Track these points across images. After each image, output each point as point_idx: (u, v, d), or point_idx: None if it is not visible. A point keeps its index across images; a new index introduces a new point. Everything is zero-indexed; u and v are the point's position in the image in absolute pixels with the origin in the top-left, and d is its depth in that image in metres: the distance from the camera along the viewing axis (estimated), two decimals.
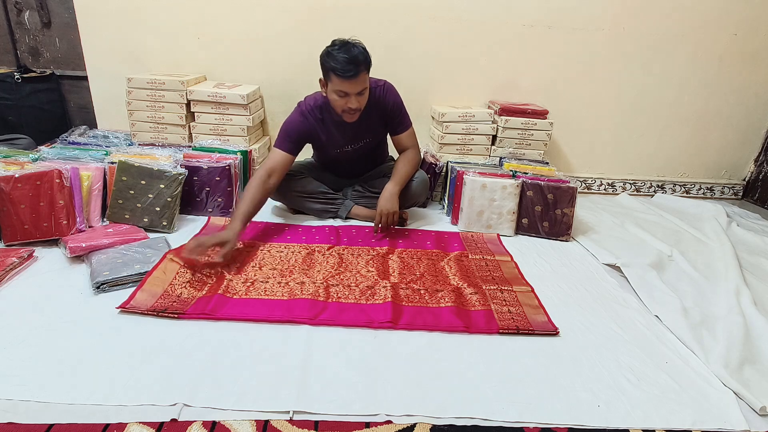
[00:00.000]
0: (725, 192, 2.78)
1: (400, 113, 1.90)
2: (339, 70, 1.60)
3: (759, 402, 1.12)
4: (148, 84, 2.18)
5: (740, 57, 2.48)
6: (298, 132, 1.82)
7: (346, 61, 1.59)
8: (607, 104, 2.53)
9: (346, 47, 1.63)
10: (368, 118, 1.83)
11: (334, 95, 1.68)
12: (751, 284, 1.69)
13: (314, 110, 1.83)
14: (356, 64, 1.61)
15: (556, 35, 2.37)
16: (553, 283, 1.63)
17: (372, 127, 1.88)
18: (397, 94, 1.88)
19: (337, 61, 1.60)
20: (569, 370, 1.21)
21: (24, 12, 2.41)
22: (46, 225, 1.62)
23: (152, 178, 1.80)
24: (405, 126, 1.93)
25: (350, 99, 1.67)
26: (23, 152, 1.92)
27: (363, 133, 1.89)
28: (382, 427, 0.99)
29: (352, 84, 1.63)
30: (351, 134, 1.87)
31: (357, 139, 1.90)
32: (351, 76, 1.61)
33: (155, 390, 1.04)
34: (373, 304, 1.41)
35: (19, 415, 0.96)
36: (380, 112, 1.85)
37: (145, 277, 1.40)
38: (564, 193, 1.97)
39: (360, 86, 1.66)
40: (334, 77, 1.63)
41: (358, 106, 1.69)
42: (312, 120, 1.83)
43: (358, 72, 1.61)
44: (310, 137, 1.88)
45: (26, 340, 1.17)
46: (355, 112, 1.71)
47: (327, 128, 1.86)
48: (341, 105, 1.69)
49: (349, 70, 1.60)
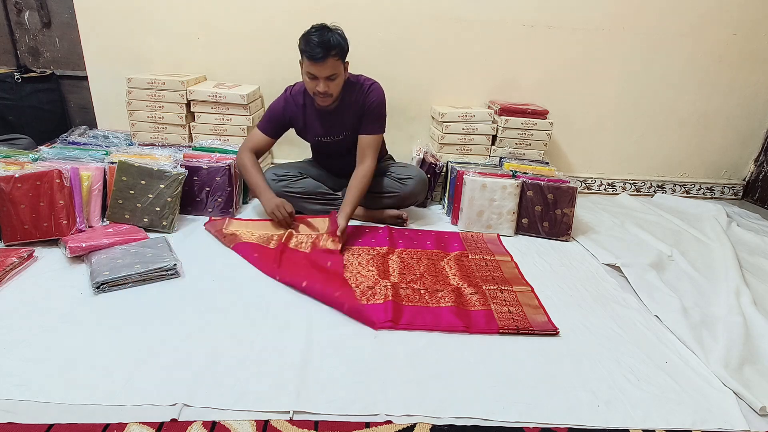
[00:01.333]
0: (725, 192, 2.78)
1: (376, 116, 1.86)
2: (308, 53, 1.64)
3: (759, 402, 1.12)
4: (148, 84, 2.18)
5: (740, 57, 2.48)
6: (279, 116, 1.90)
7: (315, 44, 1.62)
8: (607, 104, 2.53)
9: (321, 31, 1.65)
10: (347, 111, 1.85)
11: (306, 77, 1.73)
12: (751, 284, 1.69)
13: (298, 95, 1.89)
14: (326, 48, 1.62)
15: (556, 35, 2.37)
16: (553, 283, 1.63)
17: (350, 121, 1.89)
18: (383, 98, 1.86)
19: (307, 43, 1.64)
20: (569, 370, 1.21)
21: (24, 12, 2.41)
22: (46, 225, 1.62)
23: (152, 178, 1.80)
24: (373, 130, 1.87)
25: (319, 82, 1.69)
26: (23, 152, 1.92)
27: (340, 125, 1.90)
28: (382, 427, 0.99)
29: (320, 67, 1.65)
30: (328, 124, 1.90)
31: (334, 129, 1.91)
32: (319, 59, 1.63)
33: (155, 390, 1.04)
34: (373, 304, 1.41)
35: (19, 415, 0.96)
36: (359, 108, 1.86)
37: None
38: (564, 193, 1.97)
39: (328, 71, 1.67)
40: (305, 59, 1.67)
41: (326, 90, 1.71)
42: (293, 105, 1.89)
43: (326, 56, 1.63)
44: (290, 122, 1.93)
45: (26, 340, 1.17)
46: (325, 96, 1.73)
47: (307, 114, 1.90)
48: (311, 88, 1.73)
49: (317, 54, 1.62)
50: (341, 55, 1.68)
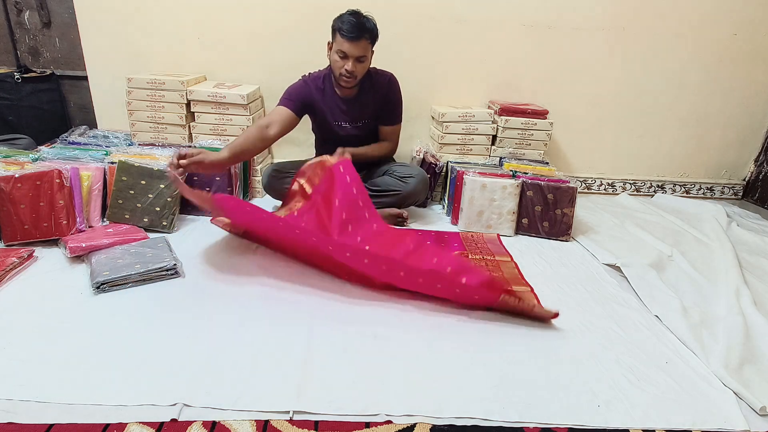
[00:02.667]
0: (725, 192, 2.78)
1: (396, 107, 2.00)
2: (344, 30, 1.70)
3: (759, 402, 1.12)
4: (148, 84, 2.18)
5: (740, 57, 2.48)
6: (299, 94, 1.88)
7: (353, 23, 1.70)
8: (607, 104, 2.53)
9: (358, 14, 1.74)
10: (367, 98, 1.90)
11: (335, 56, 1.76)
12: (751, 284, 1.69)
13: (317, 79, 1.91)
14: (361, 29, 1.70)
15: (556, 35, 2.37)
16: (553, 283, 1.64)
17: (370, 108, 1.95)
18: (398, 86, 1.98)
19: (343, 22, 1.70)
20: (569, 370, 1.21)
21: (24, 12, 2.41)
22: (46, 225, 1.63)
23: (152, 178, 1.81)
24: (395, 120, 2.02)
25: (348, 62, 1.74)
26: (23, 152, 1.92)
27: (361, 111, 1.94)
28: (382, 427, 0.99)
29: (353, 46, 1.71)
30: (349, 110, 1.92)
31: (355, 116, 1.95)
32: (354, 38, 1.70)
33: (155, 390, 1.04)
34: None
35: (19, 415, 0.96)
36: (380, 98, 1.93)
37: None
38: (564, 193, 1.97)
39: (360, 51, 1.73)
40: (339, 36, 1.72)
41: (353, 70, 1.75)
42: (312, 87, 1.90)
43: (361, 36, 1.70)
44: (310, 105, 1.92)
45: (26, 340, 1.17)
46: (350, 77, 1.77)
47: (327, 99, 1.92)
48: (339, 67, 1.76)
49: (353, 32, 1.69)
50: (372, 39, 1.77)
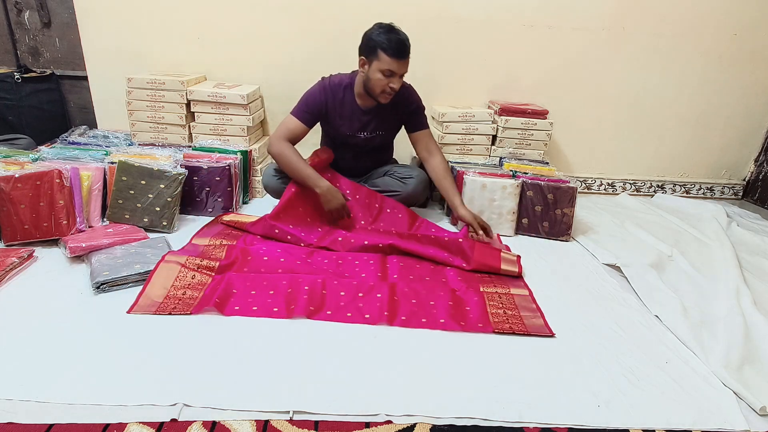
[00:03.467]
0: (725, 192, 2.78)
1: (422, 111, 1.98)
2: (391, 49, 1.67)
3: (759, 402, 1.12)
4: (148, 84, 2.18)
5: (740, 57, 2.48)
6: (317, 104, 1.85)
7: (400, 41, 1.68)
8: (607, 104, 2.53)
9: (395, 30, 1.71)
10: (389, 110, 1.88)
11: (379, 74, 1.71)
12: (751, 284, 1.69)
13: (337, 88, 1.86)
14: (407, 47, 1.71)
15: (556, 35, 2.37)
16: (553, 283, 1.63)
17: (389, 120, 1.93)
18: (417, 93, 1.97)
19: (390, 41, 1.67)
20: (569, 370, 1.21)
21: (24, 12, 2.41)
22: (46, 225, 1.62)
23: (152, 178, 1.81)
24: (425, 124, 1.99)
25: (394, 79, 1.72)
26: (23, 152, 1.92)
27: (379, 124, 1.93)
28: (382, 427, 0.99)
29: (401, 64, 1.71)
30: (369, 120, 1.90)
31: (372, 127, 1.93)
32: (402, 57, 1.69)
33: (155, 390, 1.04)
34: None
35: (19, 415, 0.96)
36: (402, 109, 1.92)
37: (145, 284, 1.39)
38: (564, 193, 1.97)
39: (406, 68, 1.74)
40: (384, 56, 1.68)
41: (398, 87, 1.75)
42: (331, 96, 1.86)
43: (407, 53, 1.71)
44: (326, 114, 1.89)
45: (26, 340, 1.17)
46: (391, 93, 1.76)
47: (345, 109, 1.88)
48: (383, 85, 1.73)
49: (401, 50, 1.68)
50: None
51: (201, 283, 1.45)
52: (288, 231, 1.76)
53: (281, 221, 1.78)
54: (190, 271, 1.48)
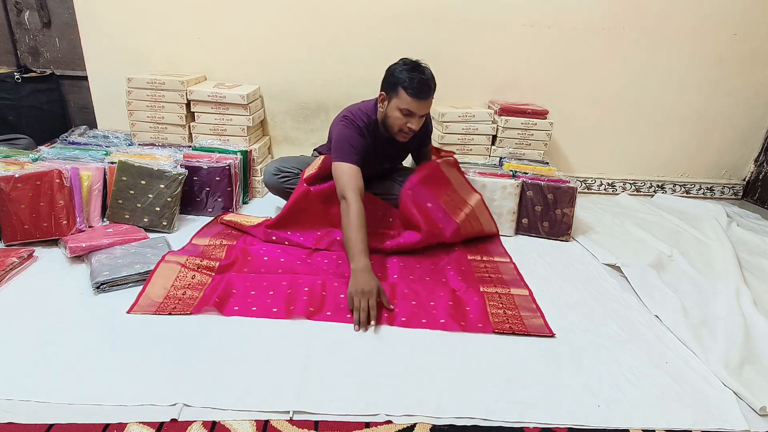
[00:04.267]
0: (725, 192, 2.78)
1: (429, 133, 1.95)
2: (412, 89, 1.57)
3: (759, 402, 1.12)
4: (148, 84, 2.18)
5: (740, 57, 2.47)
6: (361, 146, 1.69)
7: (421, 81, 1.57)
8: (607, 104, 2.53)
9: (420, 68, 1.61)
10: (412, 139, 1.80)
11: (397, 112, 1.62)
12: (751, 284, 1.69)
13: (367, 127, 1.74)
14: (429, 87, 1.59)
15: (556, 35, 2.37)
16: (553, 284, 1.63)
17: (410, 145, 1.89)
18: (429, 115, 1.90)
19: (412, 80, 1.57)
20: (569, 370, 1.21)
21: (24, 12, 2.41)
22: (46, 225, 1.62)
23: (152, 178, 1.81)
24: (429, 141, 1.97)
25: (413, 120, 1.63)
26: (23, 152, 1.92)
27: (403, 151, 1.94)
28: (382, 427, 0.99)
29: (422, 105, 1.60)
30: (393, 152, 1.88)
31: (396, 155, 1.94)
32: (422, 98, 1.58)
33: (155, 390, 1.04)
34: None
35: (19, 415, 0.96)
36: (420, 134, 1.82)
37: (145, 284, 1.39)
38: (564, 193, 1.97)
39: (427, 109, 1.64)
40: (404, 95, 1.58)
41: (417, 128, 1.65)
42: (368, 137, 1.74)
43: (429, 95, 1.60)
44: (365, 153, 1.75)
45: (26, 340, 1.17)
46: (409, 133, 1.67)
47: (375, 146, 1.79)
48: (400, 124, 1.64)
49: (423, 91, 1.57)
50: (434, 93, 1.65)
51: (201, 283, 1.45)
52: (286, 237, 1.75)
53: (279, 229, 1.77)
54: (190, 271, 1.48)
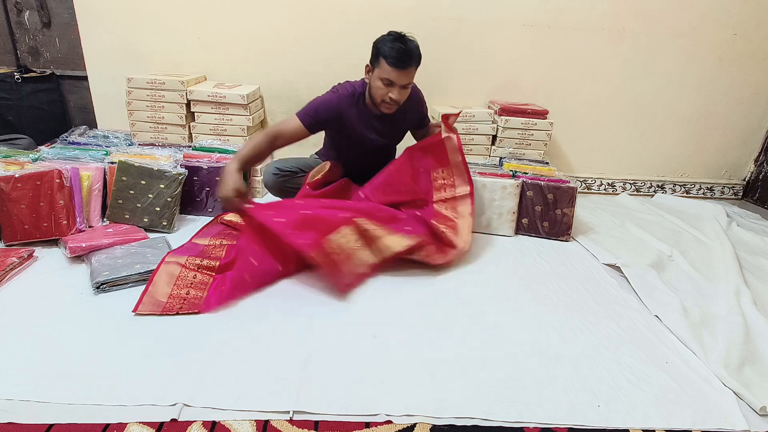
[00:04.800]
0: (725, 192, 2.78)
1: (426, 113, 1.99)
2: (392, 58, 1.60)
3: (759, 402, 1.12)
4: (148, 84, 2.18)
5: (740, 57, 2.48)
6: (326, 113, 1.74)
7: (403, 51, 1.60)
8: (607, 104, 2.53)
9: (403, 39, 1.64)
10: (404, 119, 1.85)
11: (379, 82, 1.66)
12: (751, 284, 1.69)
13: (350, 98, 1.77)
14: (411, 57, 1.62)
15: (556, 35, 2.37)
16: (553, 283, 1.64)
17: (403, 124, 1.92)
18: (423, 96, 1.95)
19: (392, 49, 1.60)
20: (569, 370, 1.21)
21: (24, 12, 2.41)
22: (46, 225, 1.62)
23: (152, 178, 1.81)
24: (427, 121, 2.01)
25: (393, 89, 1.65)
26: (23, 152, 1.92)
27: (394, 128, 1.91)
28: (382, 427, 0.99)
29: (400, 75, 1.63)
30: (383, 127, 1.86)
31: (387, 132, 1.90)
32: (401, 67, 1.61)
33: (155, 390, 1.04)
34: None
35: (19, 415, 0.96)
36: (416, 115, 1.90)
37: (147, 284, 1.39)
38: (564, 193, 1.97)
39: (407, 79, 1.66)
40: (385, 64, 1.62)
41: (398, 98, 1.67)
42: (345, 105, 1.76)
43: (408, 64, 1.62)
44: (335, 124, 1.79)
45: (26, 340, 1.17)
46: (392, 104, 1.70)
47: (360, 117, 1.80)
48: (382, 94, 1.67)
49: (401, 60, 1.60)
50: (418, 65, 1.68)
51: (203, 282, 1.45)
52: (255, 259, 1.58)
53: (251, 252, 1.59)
54: (191, 271, 1.48)
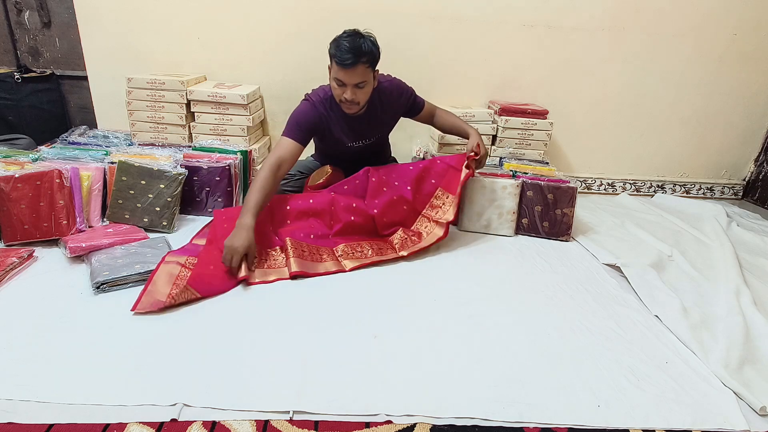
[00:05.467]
0: (725, 192, 2.78)
1: (414, 99, 1.93)
2: (338, 57, 1.57)
3: (759, 402, 1.12)
4: (148, 84, 2.18)
5: (740, 57, 2.48)
6: (309, 122, 1.75)
7: (346, 49, 1.56)
8: (607, 104, 2.53)
9: (354, 37, 1.60)
10: (378, 113, 1.83)
11: (333, 83, 1.66)
12: (751, 284, 1.69)
13: (324, 102, 1.78)
14: (356, 55, 1.57)
15: (556, 35, 2.37)
16: (553, 283, 1.63)
17: (382, 123, 1.89)
18: (404, 84, 1.90)
19: (339, 48, 1.57)
20: (569, 370, 1.21)
21: (24, 12, 2.41)
22: (46, 225, 1.62)
23: (152, 178, 1.81)
24: (421, 104, 1.96)
25: (346, 89, 1.63)
26: (23, 152, 1.92)
27: (372, 130, 1.89)
28: (382, 427, 0.99)
29: (348, 74, 1.59)
30: (359, 129, 1.85)
31: (366, 134, 1.89)
32: (348, 65, 1.57)
33: (155, 390, 1.04)
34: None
35: (19, 415, 0.96)
36: (393, 109, 1.87)
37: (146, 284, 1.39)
38: (564, 193, 1.97)
39: (357, 78, 1.61)
40: (334, 63, 1.61)
41: (353, 98, 1.64)
42: (323, 111, 1.77)
43: (356, 62, 1.57)
44: (320, 129, 1.81)
45: (26, 340, 1.17)
46: (351, 104, 1.67)
47: (337, 121, 1.80)
48: (338, 94, 1.66)
49: (347, 59, 1.56)
50: (372, 62, 1.63)
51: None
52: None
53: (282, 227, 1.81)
54: (190, 271, 1.48)
